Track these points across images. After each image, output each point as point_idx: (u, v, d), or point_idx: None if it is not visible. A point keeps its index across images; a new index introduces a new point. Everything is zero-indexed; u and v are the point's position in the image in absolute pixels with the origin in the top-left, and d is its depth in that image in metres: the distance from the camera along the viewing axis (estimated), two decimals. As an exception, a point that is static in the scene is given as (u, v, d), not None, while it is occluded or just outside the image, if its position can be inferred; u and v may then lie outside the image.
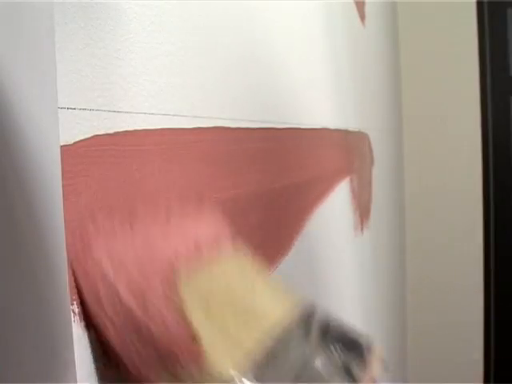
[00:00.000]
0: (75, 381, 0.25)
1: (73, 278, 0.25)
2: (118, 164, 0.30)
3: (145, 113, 0.32)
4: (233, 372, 0.24)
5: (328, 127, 0.76)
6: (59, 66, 0.25)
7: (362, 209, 0.97)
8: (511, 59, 1.62)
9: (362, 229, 0.96)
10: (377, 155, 1.15)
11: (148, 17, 0.33)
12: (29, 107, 0.23)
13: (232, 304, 0.27)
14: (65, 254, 0.24)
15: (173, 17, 0.35)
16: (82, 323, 0.26)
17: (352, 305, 0.90)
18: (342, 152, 0.85)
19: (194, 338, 0.25)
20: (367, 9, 1.10)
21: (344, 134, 0.87)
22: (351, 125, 0.93)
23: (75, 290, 0.26)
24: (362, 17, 1.05)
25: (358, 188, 0.94)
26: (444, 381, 1.52)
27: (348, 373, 0.23)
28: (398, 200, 1.60)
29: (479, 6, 1.62)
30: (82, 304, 0.25)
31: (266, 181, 0.50)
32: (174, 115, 0.35)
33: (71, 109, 0.26)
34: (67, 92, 0.26)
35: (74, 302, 0.25)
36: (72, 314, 0.25)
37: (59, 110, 0.25)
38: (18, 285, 0.23)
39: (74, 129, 0.26)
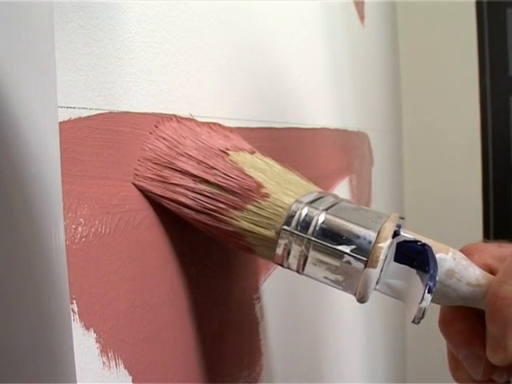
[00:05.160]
0: (75, 381, 0.25)
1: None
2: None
3: (145, 112, 0.32)
4: (294, 202, 0.33)
5: (327, 127, 0.76)
6: (58, 65, 0.25)
7: (362, 209, 0.97)
8: (511, 59, 1.62)
9: (361, 229, 0.96)
10: (376, 155, 1.15)
11: (147, 16, 0.33)
12: (28, 106, 0.23)
13: (278, 174, 0.36)
14: (65, 251, 0.24)
15: (172, 16, 0.35)
16: (82, 322, 0.26)
17: (353, 302, 0.90)
18: (342, 152, 0.85)
19: (259, 185, 0.34)
20: (366, 9, 1.10)
21: (343, 133, 0.87)
22: (351, 125, 0.93)
23: (75, 289, 0.26)
24: (362, 17, 1.05)
25: (358, 188, 0.94)
26: None
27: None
28: (398, 200, 1.60)
29: (479, 6, 1.62)
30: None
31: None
32: (173, 115, 0.35)
33: (71, 108, 0.26)
34: (67, 91, 0.26)
35: (74, 301, 0.25)
36: (72, 313, 0.25)
37: (58, 108, 0.25)
38: (17, 284, 0.23)
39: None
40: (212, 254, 0.40)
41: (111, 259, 0.29)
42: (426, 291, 0.30)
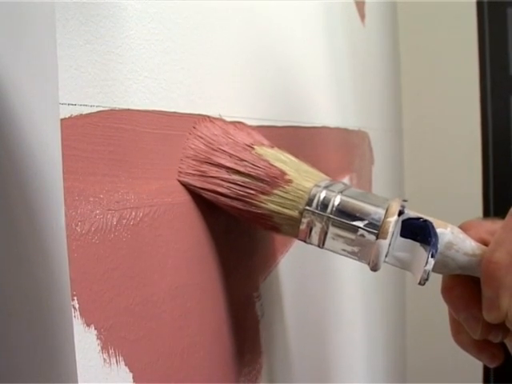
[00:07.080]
0: (76, 381, 0.25)
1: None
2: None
3: (145, 110, 0.32)
4: (314, 187, 0.38)
5: (328, 126, 0.76)
6: (60, 62, 0.25)
7: (362, 208, 0.97)
8: (511, 59, 1.62)
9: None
10: (377, 154, 1.15)
11: (148, 14, 0.33)
12: (30, 103, 0.23)
13: (296, 164, 0.40)
14: (66, 248, 0.24)
15: (173, 14, 0.36)
16: (83, 319, 0.26)
17: (353, 302, 0.90)
18: (342, 150, 0.85)
19: (283, 172, 0.38)
20: (367, 8, 1.10)
21: (344, 132, 0.87)
22: (351, 123, 0.93)
23: (76, 286, 0.26)
24: (362, 16, 1.05)
25: (358, 187, 0.94)
26: None
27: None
28: (398, 199, 1.60)
29: (479, 5, 1.62)
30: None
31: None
32: (174, 112, 0.35)
33: (72, 105, 0.26)
34: (68, 88, 0.26)
35: (75, 298, 0.25)
36: (72, 310, 0.25)
37: (60, 105, 0.25)
38: (18, 281, 0.23)
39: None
40: (213, 251, 0.40)
41: (112, 256, 0.29)
42: (430, 256, 0.35)
